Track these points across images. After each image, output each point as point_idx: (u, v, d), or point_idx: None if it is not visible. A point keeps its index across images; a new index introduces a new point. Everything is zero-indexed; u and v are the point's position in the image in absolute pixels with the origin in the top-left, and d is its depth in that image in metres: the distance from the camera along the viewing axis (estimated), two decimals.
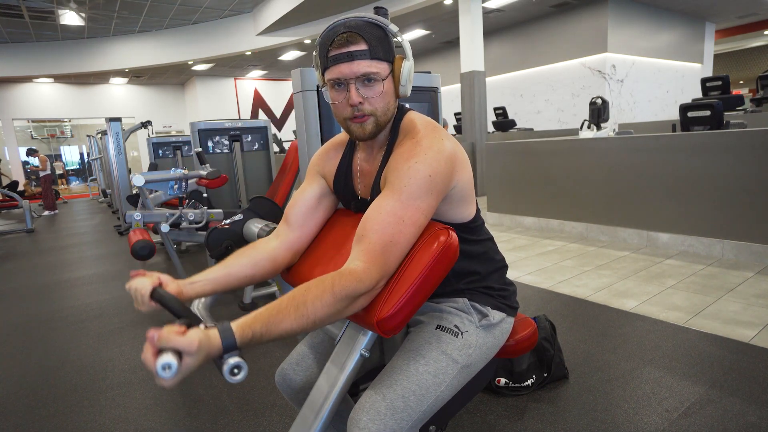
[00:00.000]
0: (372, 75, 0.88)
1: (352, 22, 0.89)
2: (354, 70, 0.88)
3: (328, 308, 0.77)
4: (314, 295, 0.78)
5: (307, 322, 0.77)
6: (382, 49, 0.89)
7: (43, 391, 2.00)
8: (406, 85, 0.92)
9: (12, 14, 8.46)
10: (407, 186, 0.85)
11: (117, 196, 6.26)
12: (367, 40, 0.87)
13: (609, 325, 2.27)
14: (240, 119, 4.13)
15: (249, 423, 1.66)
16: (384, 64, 0.90)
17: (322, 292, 0.78)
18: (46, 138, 16.53)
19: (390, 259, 0.82)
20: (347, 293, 0.78)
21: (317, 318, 0.77)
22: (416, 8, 7.54)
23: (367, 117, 0.92)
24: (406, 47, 0.92)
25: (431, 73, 2.29)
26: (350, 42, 0.87)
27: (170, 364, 0.65)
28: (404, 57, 0.92)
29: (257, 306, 3.18)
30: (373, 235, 0.83)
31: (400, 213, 0.84)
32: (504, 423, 1.57)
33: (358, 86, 0.89)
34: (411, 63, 0.92)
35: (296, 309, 0.77)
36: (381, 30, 0.90)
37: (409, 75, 0.92)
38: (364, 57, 0.87)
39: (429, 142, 0.89)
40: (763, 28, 11.40)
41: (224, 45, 10.29)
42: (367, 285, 0.79)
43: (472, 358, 0.98)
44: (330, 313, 0.78)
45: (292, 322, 0.76)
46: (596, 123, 5.29)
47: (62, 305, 3.21)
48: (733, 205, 3.13)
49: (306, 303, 0.77)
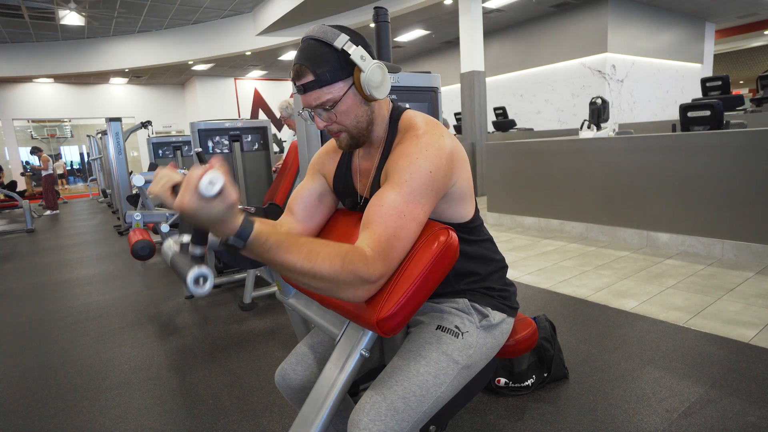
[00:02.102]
0: (325, 103, 0.90)
1: (302, 51, 0.89)
2: (309, 102, 0.91)
3: (332, 271, 0.77)
4: (328, 252, 0.78)
5: (309, 270, 0.77)
6: (331, 72, 0.88)
7: (43, 391, 2.00)
8: (372, 92, 0.90)
9: (12, 14, 8.46)
10: (408, 181, 0.85)
11: (117, 196, 6.26)
12: (312, 70, 0.87)
13: (609, 325, 2.27)
14: (240, 119, 4.13)
15: (249, 423, 1.66)
16: (337, 85, 0.89)
17: (335, 254, 0.78)
18: (46, 138, 16.54)
19: (393, 254, 0.82)
20: (353, 269, 0.77)
21: (318, 273, 0.77)
22: (416, 8, 7.54)
23: (339, 133, 0.96)
24: (356, 56, 0.88)
25: (431, 73, 2.29)
26: (300, 75, 0.89)
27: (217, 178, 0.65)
28: (360, 69, 0.89)
29: (257, 306, 3.16)
30: (378, 226, 0.82)
31: (401, 207, 0.83)
32: (504, 423, 1.57)
33: (320, 112, 0.93)
34: (371, 71, 0.89)
35: (308, 252, 0.77)
36: (329, 50, 0.88)
37: (369, 82, 0.89)
38: (313, 88, 0.89)
39: (430, 139, 0.89)
40: (763, 28, 11.40)
41: (224, 45, 10.29)
42: (371, 272, 0.79)
43: (473, 359, 0.98)
44: (331, 277, 0.77)
45: (297, 259, 0.76)
46: (596, 123, 5.29)
47: (62, 305, 3.21)
48: (733, 205, 3.13)
49: (318, 254, 0.77)
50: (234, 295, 3.17)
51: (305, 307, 1.16)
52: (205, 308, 2.95)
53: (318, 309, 1.12)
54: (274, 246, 0.75)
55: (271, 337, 2.42)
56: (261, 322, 2.64)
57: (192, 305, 3.02)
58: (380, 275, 0.80)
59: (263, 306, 2.91)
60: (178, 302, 3.10)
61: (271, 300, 3.00)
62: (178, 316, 2.83)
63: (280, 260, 0.76)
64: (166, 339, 2.49)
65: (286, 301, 1.29)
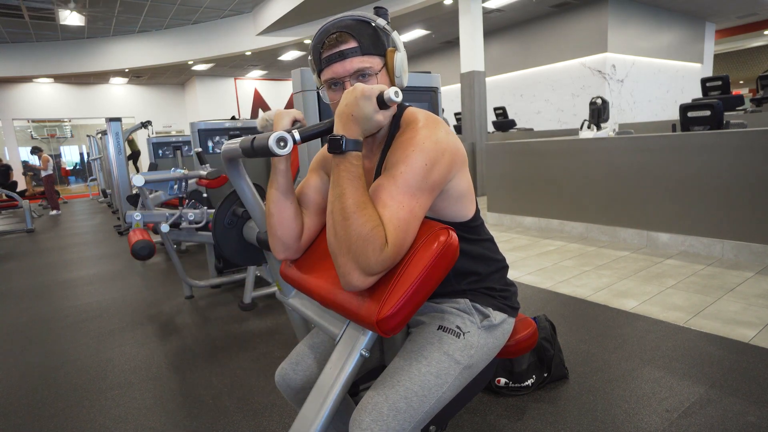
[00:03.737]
0: (365, 70, 0.90)
1: (341, 23, 0.91)
2: (347, 68, 0.90)
3: (358, 231, 0.78)
4: (368, 214, 0.80)
5: (350, 212, 0.79)
6: (373, 44, 0.91)
7: (43, 391, 2.00)
8: (401, 76, 0.92)
9: (12, 14, 8.46)
10: (404, 173, 0.84)
11: (117, 196, 6.26)
12: (357, 38, 0.89)
13: (609, 325, 2.27)
14: (240, 119, 4.13)
15: (249, 423, 1.66)
16: (376, 58, 0.91)
17: (370, 220, 0.79)
18: (46, 138, 16.53)
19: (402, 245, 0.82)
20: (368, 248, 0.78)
21: (350, 220, 0.79)
22: (416, 8, 7.54)
23: None
24: (396, 39, 0.93)
25: (431, 73, 2.29)
26: (340, 42, 0.89)
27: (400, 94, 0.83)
28: (396, 49, 0.92)
29: (257, 306, 3.15)
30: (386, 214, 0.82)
31: (400, 198, 0.83)
32: (504, 423, 1.57)
33: (353, 83, 0.91)
34: (403, 54, 0.93)
35: (362, 202, 0.80)
36: (369, 26, 0.91)
37: (402, 65, 0.92)
38: (355, 54, 0.89)
39: (428, 133, 0.89)
40: (763, 28, 11.40)
41: (224, 45, 10.29)
42: (377, 262, 0.79)
43: (474, 359, 0.97)
44: (353, 234, 0.79)
45: (353, 196, 0.80)
46: (596, 123, 5.29)
47: (62, 305, 3.21)
48: (733, 205, 3.13)
49: (365, 208, 0.80)
50: (234, 295, 3.17)
51: (305, 307, 1.16)
52: (205, 308, 2.95)
53: (318, 309, 1.12)
54: (354, 173, 0.81)
55: (271, 337, 2.42)
56: (261, 322, 2.64)
57: (192, 305, 3.02)
58: (383, 268, 0.81)
59: (263, 306, 2.91)
60: (178, 302, 3.10)
61: (271, 300, 3.00)
62: (178, 316, 2.83)
63: (345, 186, 0.80)
64: (166, 339, 2.49)
65: (286, 301, 1.29)
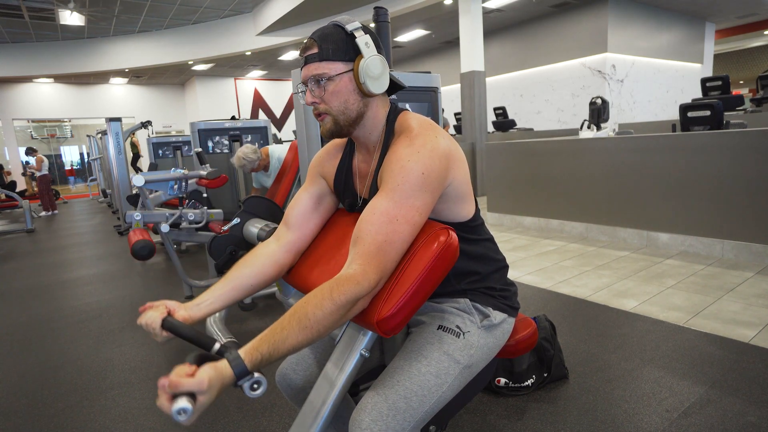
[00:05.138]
0: (320, 75, 0.91)
1: (320, 29, 0.93)
2: (305, 73, 0.93)
3: (329, 316, 0.78)
4: (314, 305, 0.78)
5: (312, 333, 0.77)
6: (336, 50, 0.91)
7: (43, 391, 2.00)
8: (366, 81, 0.91)
9: (12, 14, 8.46)
10: (400, 185, 0.85)
11: (117, 196, 6.26)
12: (319, 44, 0.91)
13: (609, 325, 2.27)
14: (240, 119, 4.13)
15: (249, 423, 1.66)
16: (336, 63, 0.92)
17: (321, 301, 0.78)
18: (46, 138, 16.54)
19: (386, 259, 0.82)
20: (347, 298, 0.78)
21: (321, 327, 0.78)
22: (416, 8, 7.54)
23: (324, 116, 0.96)
24: (362, 44, 0.91)
25: (431, 73, 2.29)
26: (307, 48, 0.93)
27: (184, 409, 0.67)
28: (361, 55, 0.91)
29: (257, 306, 3.14)
30: (368, 237, 0.83)
31: (394, 212, 0.84)
32: (504, 423, 1.57)
33: (313, 88, 0.93)
34: (371, 60, 0.91)
35: (299, 322, 0.77)
36: (341, 31, 0.92)
37: (365, 72, 0.90)
38: (314, 60, 0.92)
39: (422, 140, 0.89)
40: (763, 28, 11.40)
41: (224, 45, 10.29)
42: (365, 287, 0.80)
43: (474, 359, 0.98)
44: (332, 321, 0.78)
45: (296, 336, 0.77)
46: (596, 123, 5.29)
47: (62, 305, 3.21)
48: (733, 205, 3.13)
49: (307, 315, 0.77)
50: None
51: None
52: None
53: None
54: (270, 351, 0.75)
55: None
56: (261, 322, 2.64)
57: None
58: (375, 283, 0.81)
59: (263, 306, 2.91)
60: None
61: (271, 300, 3.00)
62: None
63: (286, 351, 0.76)
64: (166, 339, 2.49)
65: (286, 301, 1.29)
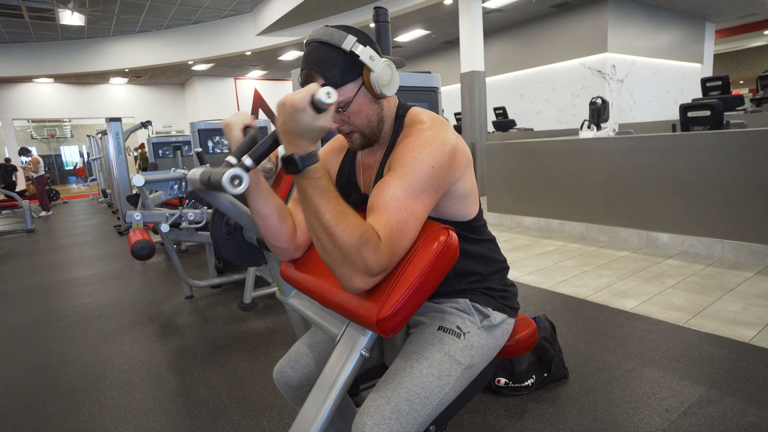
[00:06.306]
0: (338, 104, 0.90)
1: (309, 55, 0.89)
2: None
3: (347, 242, 0.77)
4: (353, 221, 0.78)
5: (330, 227, 0.78)
6: (343, 73, 0.88)
7: (43, 391, 2.00)
8: (382, 90, 0.90)
9: (12, 14, 8.46)
10: (410, 174, 0.84)
11: (117, 196, 6.26)
12: (323, 73, 0.87)
13: (609, 325, 2.27)
14: None
15: (249, 423, 1.66)
16: (347, 87, 0.89)
17: (357, 227, 0.78)
18: (46, 138, 16.54)
19: (397, 248, 0.81)
20: (364, 251, 0.77)
21: (335, 235, 0.77)
22: (416, 8, 7.54)
23: (351, 134, 0.96)
24: (366, 56, 0.88)
25: (431, 73, 2.29)
26: (309, 80, 0.89)
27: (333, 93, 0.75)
28: (369, 69, 0.89)
29: (257, 305, 3.14)
30: (384, 215, 0.81)
31: (403, 200, 0.83)
32: (504, 423, 1.57)
33: (334, 116, 0.92)
34: (379, 70, 0.88)
35: (340, 212, 0.79)
36: (339, 53, 0.87)
37: (378, 82, 0.89)
38: None
39: (434, 134, 0.88)
40: (763, 28, 11.40)
41: (224, 45, 10.29)
42: (376, 263, 0.78)
43: (475, 359, 0.98)
44: (342, 246, 0.77)
45: (328, 210, 0.78)
46: (596, 123, 5.30)
47: (62, 305, 3.21)
48: (733, 205, 3.13)
49: (346, 218, 0.78)
50: (234, 295, 3.17)
51: (305, 307, 1.16)
52: (205, 308, 2.95)
53: (318, 309, 1.12)
54: (320, 187, 0.78)
55: (271, 337, 2.42)
56: (261, 322, 2.64)
57: (192, 305, 3.02)
58: (383, 269, 0.80)
59: (263, 306, 2.91)
60: (178, 302, 3.10)
61: (271, 300, 3.00)
62: (178, 316, 2.83)
63: (316, 202, 0.78)
64: (166, 339, 2.49)
65: (286, 301, 1.29)
